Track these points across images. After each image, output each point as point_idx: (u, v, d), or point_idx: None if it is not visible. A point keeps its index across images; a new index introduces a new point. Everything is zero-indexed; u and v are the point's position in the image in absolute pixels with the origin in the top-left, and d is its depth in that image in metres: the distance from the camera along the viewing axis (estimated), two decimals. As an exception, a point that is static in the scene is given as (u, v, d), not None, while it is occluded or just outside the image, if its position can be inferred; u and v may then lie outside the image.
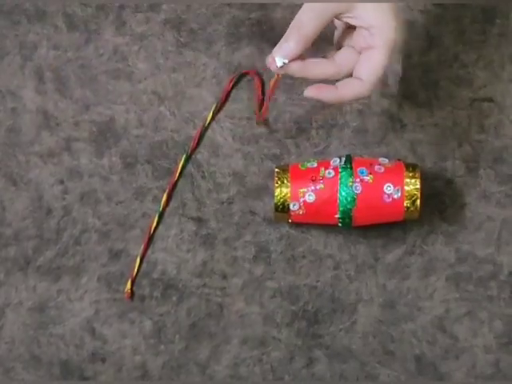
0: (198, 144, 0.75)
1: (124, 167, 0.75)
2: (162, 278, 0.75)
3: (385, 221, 0.70)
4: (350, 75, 0.62)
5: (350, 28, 0.62)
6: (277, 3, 0.76)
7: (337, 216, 0.68)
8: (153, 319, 0.75)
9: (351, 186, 0.68)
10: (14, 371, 0.74)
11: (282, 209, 0.69)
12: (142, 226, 0.75)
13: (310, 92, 0.62)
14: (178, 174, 0.74)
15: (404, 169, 0.69)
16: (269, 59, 0.60)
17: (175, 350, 0.75)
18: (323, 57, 0.63)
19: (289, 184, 0.69)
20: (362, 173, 0.68)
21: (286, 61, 0.59)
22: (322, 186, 0.68)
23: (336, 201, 0.68)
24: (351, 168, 0.68)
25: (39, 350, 0.74)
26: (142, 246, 0.74)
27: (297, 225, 0.75)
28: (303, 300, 0.75)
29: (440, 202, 0.75)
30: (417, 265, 0.75)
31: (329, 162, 0.70)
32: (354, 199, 0.68)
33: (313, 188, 0.68)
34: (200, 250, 0.75)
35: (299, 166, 0.70)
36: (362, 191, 0.68)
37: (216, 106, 0.75)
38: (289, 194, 0.69)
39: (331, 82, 0.61)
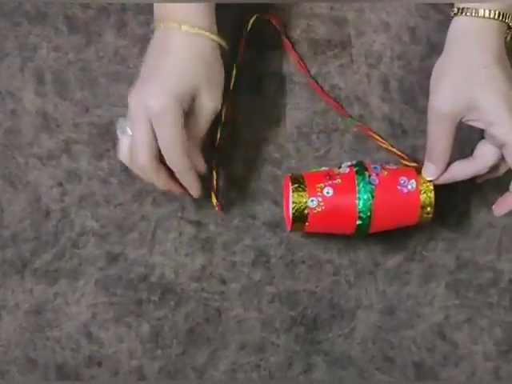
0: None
1: (123, 170, 0.74)
2: (160, 281, 0.74)
3: (401, 217, 0.68)
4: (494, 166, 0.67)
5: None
6: (278, 7, 0.76)
7: (357, 210, 0.66)
8: (150, 323, 0.74)
9: (368, 179, 0.67)
10: (9, 374, 0.74)
11: (300, 215, 0.67)
12: (140, 229, 0.74)
13: (498, 212, 0.68)
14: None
15: (415, 169, 0.69)
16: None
17: (172, 354, 0.74)
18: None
19: (306, 185, 0.67)
20: (376, 169, 0.68)
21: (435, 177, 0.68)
22: (340, 180, 0.67)
23: (355, 194, 0.66)
24: (365, 165, 0.68)
25: (35, 353, 0.74)
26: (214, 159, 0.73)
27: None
28: (302, 305, 0.74)
29: (440, 209, 0.75)
30: (417, 271, 0.75)
31: (340, 166, 0.70)
32: (373, 190, 0.66)
33: (330, 183, 0.67)
34: (199, 254, 0.75)
35: (311, 171, 0.70)
36: (379, 183, 0.67)
37: (237, 59, 0.75)
38: (306, 199, 0.67)
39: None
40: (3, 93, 0.75)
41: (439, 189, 0.69)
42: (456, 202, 0.75)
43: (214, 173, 0.73)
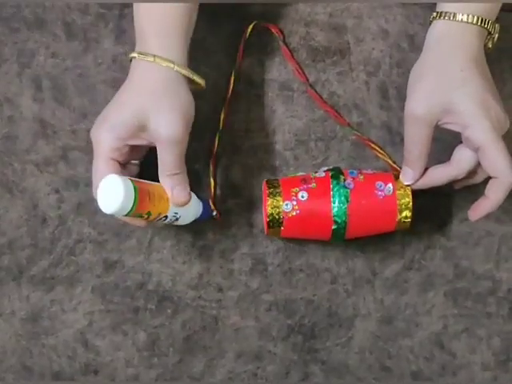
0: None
1: (121, 177, 0.74)
2: (157, 289, 0.74)
3: (378, 222, 0.68)
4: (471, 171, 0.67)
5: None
6: (277, 14, 0.76)
7: (332, 214, 0.66)
8: (147, 331, 0.74)
9: (343, 183, 0.67)
10: (5, 382, 0.73)
11: (275, 219, 0.67)
12: (137, 237, 0.74)
13: (473, 216, 0.67)
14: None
15: (392, 175, 0.68)
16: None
17: (169, 363, 0.74)
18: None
19: (281, 190, 0.67)
20: (352, 173, 0.68)
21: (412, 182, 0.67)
22: (315, 184, 0.67)
23: (330, 198, 0.66)
24: (341, 170, 0.68)
25: (31, 361, 0.74)
26: (211, 166, 0.73)
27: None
28: (299, 314, 0.74)
29: (439, 217, 0.75)
30: (415, 280, 0.74)
31: (316, 171, 0.70)
32: (348, 194, 0.66)
33: (305, 187, 0.67)
34: (196, 262, 0.74)
35: (288, 176, 0.71)
36: (354, 187, 0.66)
37: (236, 66, 0.75)
38: (281, 203, 0.67)
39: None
40: (1, 99, 0.75)
41: (437, 197, 0.68)
42: (454, 211, 0.75)
43: (212, 180, 0.73)
